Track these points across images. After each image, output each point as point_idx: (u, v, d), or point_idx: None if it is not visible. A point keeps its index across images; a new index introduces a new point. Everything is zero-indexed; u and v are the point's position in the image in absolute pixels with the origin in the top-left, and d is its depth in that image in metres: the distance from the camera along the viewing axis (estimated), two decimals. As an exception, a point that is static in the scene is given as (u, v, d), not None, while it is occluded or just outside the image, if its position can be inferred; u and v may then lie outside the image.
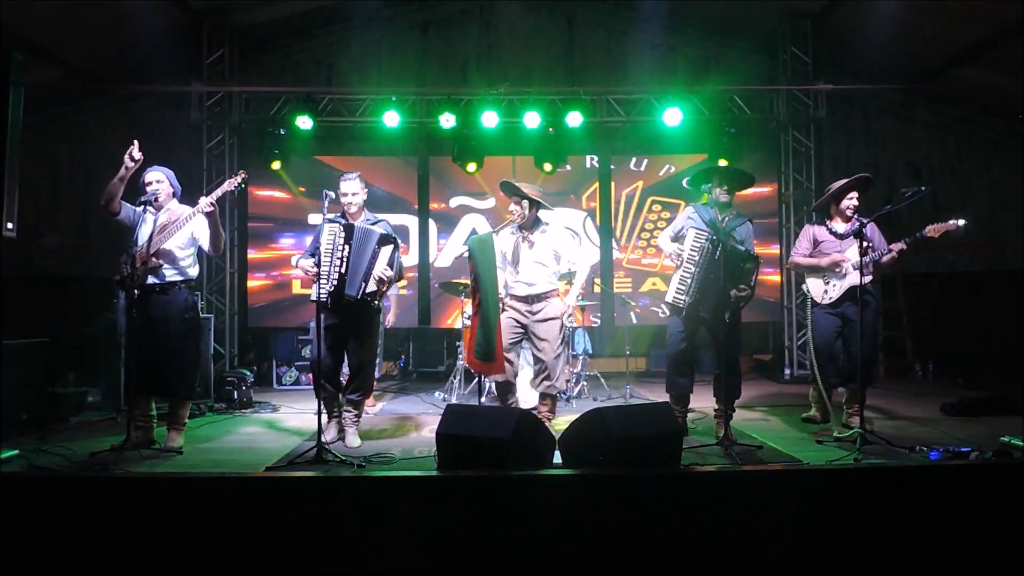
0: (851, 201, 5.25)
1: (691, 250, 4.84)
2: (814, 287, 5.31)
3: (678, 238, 5.07)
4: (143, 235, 4.61)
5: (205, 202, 4.56)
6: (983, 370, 7.58)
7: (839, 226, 5.31)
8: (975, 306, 8.46)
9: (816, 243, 5.34)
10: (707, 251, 4.72)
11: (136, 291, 4.50)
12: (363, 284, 4.68)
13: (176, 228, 4.63)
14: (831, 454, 4.39)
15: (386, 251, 4.78)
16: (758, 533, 2.91)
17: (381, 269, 4.74)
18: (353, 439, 4.98)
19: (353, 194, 4.95)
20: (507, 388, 5.08)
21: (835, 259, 5.15)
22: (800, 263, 5.41)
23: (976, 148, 9.39)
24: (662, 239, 5.24)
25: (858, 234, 4.79)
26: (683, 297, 4.84)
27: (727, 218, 4.94)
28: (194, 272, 4.82)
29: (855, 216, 5.28)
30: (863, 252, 4.78)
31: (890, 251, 5.07)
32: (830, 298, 5.21)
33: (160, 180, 4.77)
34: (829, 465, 4.04)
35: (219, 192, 4.63)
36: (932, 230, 4.94)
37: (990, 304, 8.27)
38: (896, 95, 9.23)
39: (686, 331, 4.98)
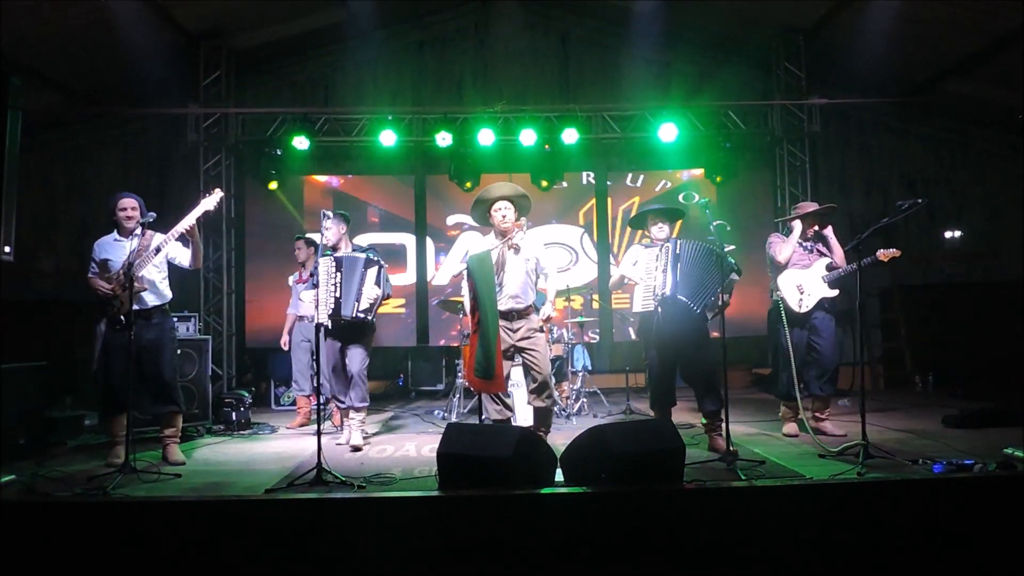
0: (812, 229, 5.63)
1: (647, 263, 5.11)
2: (790, 296, 5.50)
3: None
4: (117, 261, 4.79)
5: (181, 228, 4.74)
6: (982, 381, 7.58)
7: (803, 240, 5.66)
8: (972, 317, 8.47)
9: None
10: (667, 252, 5.02)
11: (123, 316, 4.66)
12: (356, 304, 5.24)
13: (151, 255, 4.76)
14: (834, 468, 4.36)
15: (372, 272, 5.33)
16: (762, 548, 2.90)
17: (370, 288, 5.29)
18: (357, 438, 5.44)
19: (326, 229, 5.14)
20: (506, 423, 4.94)
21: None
22: (779, 245, 5.59)
23: (970, 160, 9.45)
24: (614, 278, 5.52)
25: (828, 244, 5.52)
26: (651, 299, 5.03)
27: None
28: (169, 294, 5.08)
29: (814, 236, 5.62)
30: (831, 268, 5.44)
31: (847, 269, 5.40)
32: (805, 307, 5.44)
33: (135, 208, 4.94)
34: (832, 480, 4.01)
35: (193, 217, 4.76)
36: (882, 255, 5.25)
37: (987, 315, 8.28)
38: (890, 108, 9.29)
39: (659, 344, 5.11)
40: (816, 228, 5.61)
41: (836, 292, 5.45)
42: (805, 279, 5.46)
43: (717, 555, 2.88)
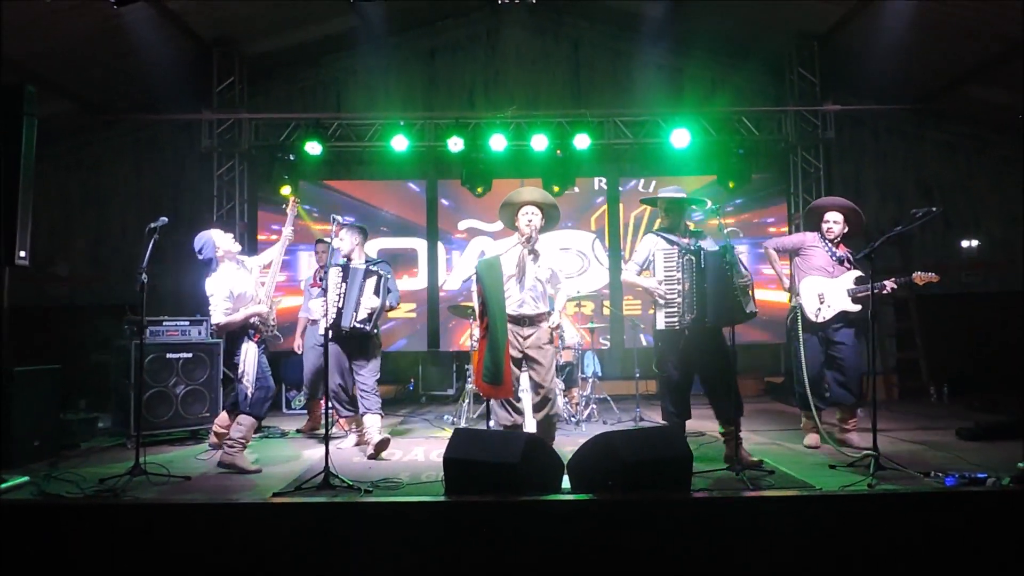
0: (826, 225, 5.38)
1: (667, 270, 4.78)
2: (808, 304, 5.31)
3: (645, 268, 4.98)
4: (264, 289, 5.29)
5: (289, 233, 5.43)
6: (999, 392, 7.48)
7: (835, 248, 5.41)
8: (989, 327, 8.37)
9: (805, 246, 5.42)
10: (689, 264, 4.66)
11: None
12: (353, 314, 5.27)
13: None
14: (844, 479, 4.31)
15: (371, 282, 5.37)
16: (770, 559, 2.87)
17: (368, 299, 5.31)
18: (376, 438, 5.34)
19: (339, 239, 5.30)
20: (515, 429, 4.86)
21: (821, 288, 5.24)
22: (772, 256, 5.52)
23: (987, 166, 9.35)
24: (627, 273, 5.07)
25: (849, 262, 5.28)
26: (675, 319, 4.73)
27: (687, 239, 4.88)
28: None
29: (844, 249, 5.40)
30: (859, 281, 5.18)
31: (882, 287, 5.03)
32: (823, 317, 5.27)
33: None
34: (842, 491, 3.97)
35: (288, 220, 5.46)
36: (918, 277, 5.05)
37: (1004, 325, 8.18)
38: (905, 114, 9.21)
39: (682, 358, 4.82)
40: (834, 230, 5.34)
41: (859, 308, 5.22)
42: (828, 289, 5.26)
43: (724, 564, 2.85)
